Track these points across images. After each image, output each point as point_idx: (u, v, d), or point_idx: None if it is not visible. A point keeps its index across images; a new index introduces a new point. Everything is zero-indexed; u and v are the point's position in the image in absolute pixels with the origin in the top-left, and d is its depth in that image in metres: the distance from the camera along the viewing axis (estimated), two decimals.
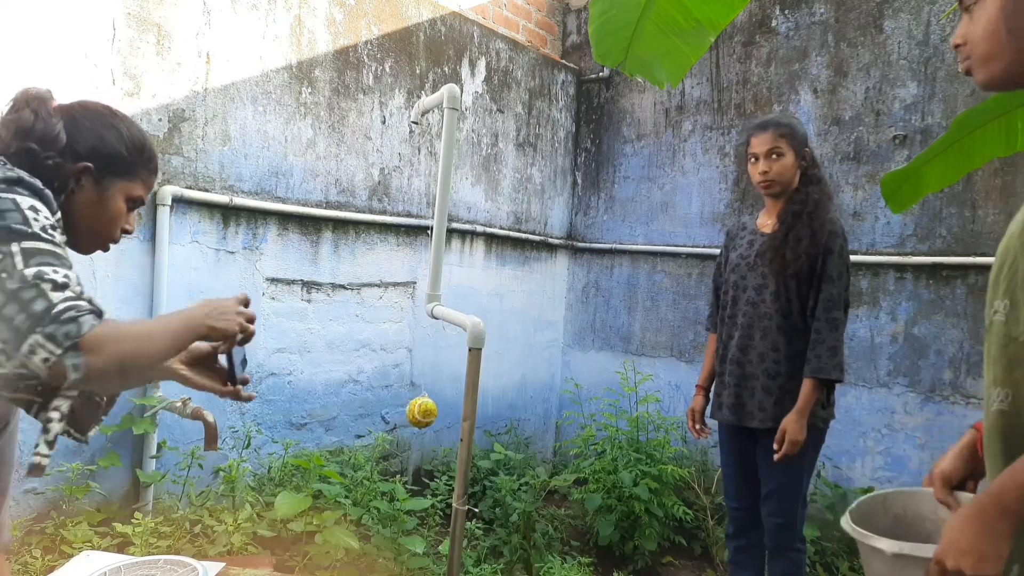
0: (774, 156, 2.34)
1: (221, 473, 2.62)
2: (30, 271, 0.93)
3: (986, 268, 1.55)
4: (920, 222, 3.51)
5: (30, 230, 0.97)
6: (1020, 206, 1.04)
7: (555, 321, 4.73)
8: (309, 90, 3.06)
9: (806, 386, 2.27)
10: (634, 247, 4.47)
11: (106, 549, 2.03)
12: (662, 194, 4.38)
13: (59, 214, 1.08)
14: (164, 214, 2.53)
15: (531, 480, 3.48)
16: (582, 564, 3.08)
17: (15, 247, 0.94)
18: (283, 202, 2.99)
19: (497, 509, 3.34)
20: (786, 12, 3.92)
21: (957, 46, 1.03)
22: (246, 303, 1.17)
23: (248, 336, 1.15)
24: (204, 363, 1.28)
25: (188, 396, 2.43)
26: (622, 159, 4.55)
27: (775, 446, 2.28)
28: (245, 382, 1.27)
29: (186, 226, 2.65)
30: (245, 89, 2.82)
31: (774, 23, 3.96)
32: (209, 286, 2.72)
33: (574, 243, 4.76)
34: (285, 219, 3.00)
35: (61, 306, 0.92)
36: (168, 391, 2.58)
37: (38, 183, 1.05)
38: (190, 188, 2.64)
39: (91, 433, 1.19)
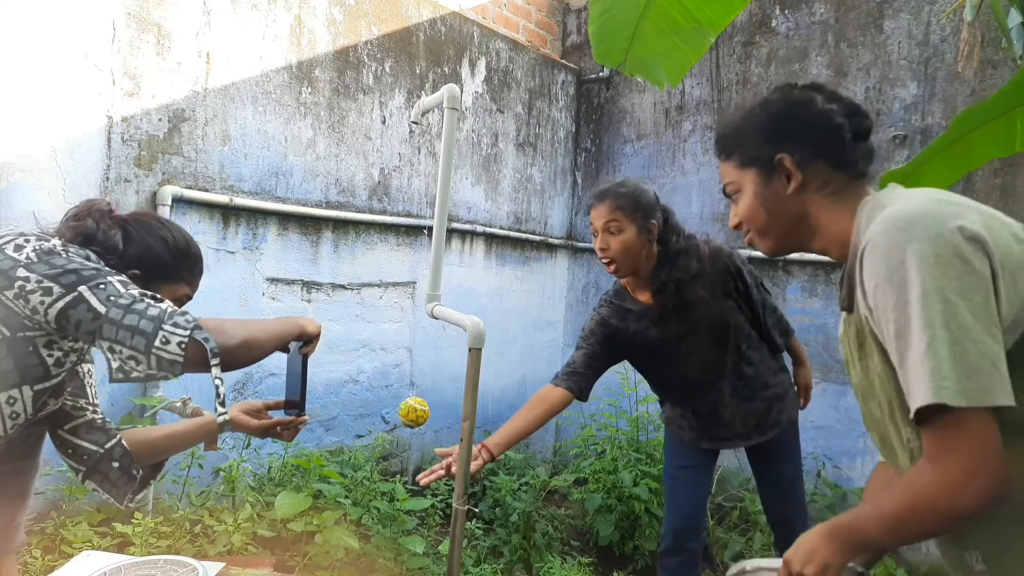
0: (611, 231, 2.07)
1: (221, 473, 2.62)
2: (133, 291, 1.09)
3: None
4: None
5: (115, 270, 1.15)
6: (1020, 206, 1.08)
7: (555, 321, 4.73)
8: (309, 90, 3.06)
9: (797, 346, 2.43)
10: None
11: (106, 549, 2.03)
12: (662, 194, 4.34)
13: None
14: (164, 214, 2.53)
15: (531, 480, 3.48)
16: (582, 564, 3.08)
17: (111, 278, 1.10)
18: (283, 202, 2.99)
19: (497, 509, 3.34)
20: (786, 12, 3.92)
21: (736, 226, 1.20)
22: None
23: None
24: (259, 415, 1.56)
25: (188, 396, 2.43)
26: (622, 159, 4.55)
27: (800, 401, 2.39)
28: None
29: (186, 226, 2.57)
30: (245, 89, 2.82)
31: (774, 23, 3.96)
32: (209, 286, 2.70)
33: (574, 243, 4.76)
34: (285, 219, 3.00)
35: (170, 309, 1.09)
36: (168, 391, 2.58)
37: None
38: (190, 188, 2.64)
39: (127, 500, 1.39)
